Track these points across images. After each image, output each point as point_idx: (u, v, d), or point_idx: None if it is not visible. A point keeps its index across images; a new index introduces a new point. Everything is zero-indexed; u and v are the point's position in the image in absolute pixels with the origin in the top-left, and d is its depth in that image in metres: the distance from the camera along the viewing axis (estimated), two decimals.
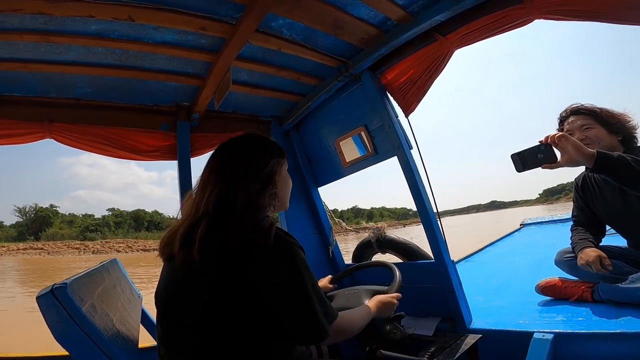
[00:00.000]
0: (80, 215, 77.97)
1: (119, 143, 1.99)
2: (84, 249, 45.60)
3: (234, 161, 1.03)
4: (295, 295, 0.88)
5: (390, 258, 2.51)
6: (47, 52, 1.53)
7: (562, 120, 1.79)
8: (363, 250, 2.81)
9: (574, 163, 1.23)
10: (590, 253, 1.60)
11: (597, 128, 1.65)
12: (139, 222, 79.31)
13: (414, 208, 1.87)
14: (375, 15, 1.65)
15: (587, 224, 1.84)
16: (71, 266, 24.15)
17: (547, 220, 4.70)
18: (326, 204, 2.62)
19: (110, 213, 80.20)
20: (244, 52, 1.74)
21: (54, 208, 72.62)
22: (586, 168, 1.24)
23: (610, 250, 1.72)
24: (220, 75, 1.79)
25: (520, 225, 4.78)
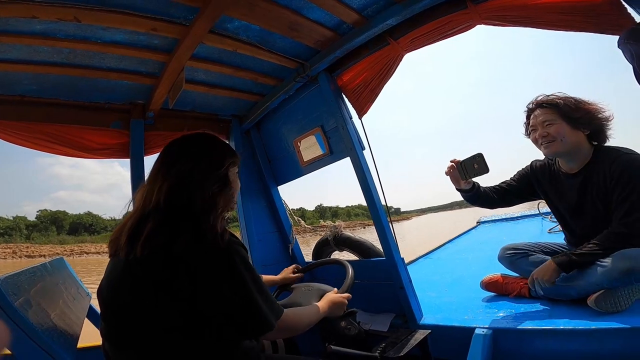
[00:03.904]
0: (11, 218, 76.30)
1: (67, 141, 1.92)
2: None
3: (189, 156, 1.02)
4: (237, 291, 0.89)
5: (346, 255, 2.56)
6: None
7: (529, 113, 1.68)
8: (321, 248, 2.86)
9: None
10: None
11: (559, 123, 1.53)
12: (59, 225, 78.48)
13: (395, 205, 1.86)
14: (330, 18, 1.68)
15: (505, 190, 1.87)
16: None
17: (501, 218, 4.90)
18: (286, 202, 2.63)
19: (39, 213, 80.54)
20: (200, 53, 1.73)
21: None
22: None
23: (545, 247, 1.82)
24: (174, 75, 1.77)
25: (477, 222, 4.95)
